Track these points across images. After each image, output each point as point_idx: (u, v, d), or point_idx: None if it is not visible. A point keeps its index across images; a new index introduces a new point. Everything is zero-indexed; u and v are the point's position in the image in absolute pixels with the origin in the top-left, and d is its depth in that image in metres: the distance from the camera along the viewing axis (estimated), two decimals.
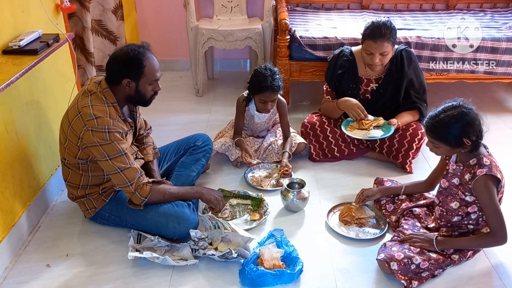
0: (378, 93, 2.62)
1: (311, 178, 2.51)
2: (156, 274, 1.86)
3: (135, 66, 1.85)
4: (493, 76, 3.06)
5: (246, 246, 1.92)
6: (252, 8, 3.69)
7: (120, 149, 1.84)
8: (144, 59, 1.85)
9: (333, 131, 2.63)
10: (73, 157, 1.93)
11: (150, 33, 3.90)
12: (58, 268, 1.91)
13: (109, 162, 1.83)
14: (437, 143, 1.80)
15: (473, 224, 1.88)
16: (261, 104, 2.52)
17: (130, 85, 1.88)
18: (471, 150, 1.78)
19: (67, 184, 2.04)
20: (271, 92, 2.44)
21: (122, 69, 1.86)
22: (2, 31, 1.90)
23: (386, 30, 2.41)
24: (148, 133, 2.29)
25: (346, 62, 2.62)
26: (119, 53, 1.87)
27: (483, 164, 1.75)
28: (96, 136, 1.80)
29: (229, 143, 2.59)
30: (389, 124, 2.50)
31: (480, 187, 1.76)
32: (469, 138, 1.73)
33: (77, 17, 2.99)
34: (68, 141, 1.89)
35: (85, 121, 1.81)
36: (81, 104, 1.84)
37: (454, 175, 1.86)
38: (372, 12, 3.64)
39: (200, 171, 2.39)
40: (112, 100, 1.89)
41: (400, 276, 1.76)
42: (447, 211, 1.90)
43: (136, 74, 1.86)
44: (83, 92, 1.90)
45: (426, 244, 1.84)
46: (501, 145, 2.82)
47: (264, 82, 2.41)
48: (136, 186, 1.88)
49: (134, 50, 1.85)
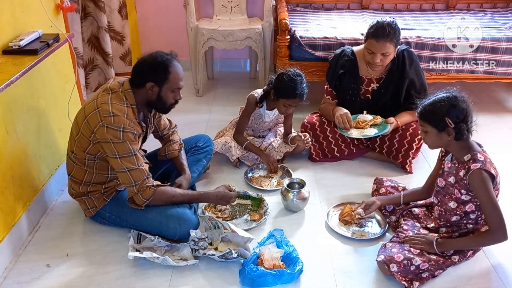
0: (379, 93, 2.62)
1: (311, 178, 2.51)
2: (156, 274, 1.86)
3: (160, 71, 1.89)
4: (493, 76, 3.06)
5: (246, 246, 1.92)
6: (252, 8, 3.69)
7: (131, 149, 1.86)
8: (170, 66, 1.90)
9: (333, 131, 2.63)
10: (82, 151, 1.94)
11: (150, 33, 3.90)
12: (58, 268, 1.91)
13: (118, 161, 1.85)
14: (425, 125, 1.82)
15: (473, 224, 1.88)
16: (284, 108, 2.51)
17: (153, 89, 1.92)
18: (457, 137, 1.78)
19: (70, 178, 2.05)
20: (300, 99, 2.46)
21: (148, 73, 1.90)
22: (2, 31, 1.90)
23: (390, 31, 2.41)
24: (173, 131, 2.33)
25: (347, 62, 2.62)
26: (148, 57, 1.92)
27: (477, 159, 1.77)
28: (110, 133, 1.82)
29: (230, 144, 2.59)
30: (387, 123, 2.50)
31: (475, 181, 1.76)
32: (451, 119, 1.74)
33: (92, 17, 3.01)
34: (81, 134, 1.91)
35: (102, 117, 1.83)
36: (101, 101, 1.87)
37: (450, 173, 1.87)
38: (372, 12, 3.64)
39: (201, 172, 2.40)
40: (132, 102, 1.92)
41: (400, 278, 1.76)
42: (446, 210, 1.90)
43: (160, 79, 1.90)
44: (104, 89, 1.93)
45: (427, 246, 1.84)
46: (501, 145, 2.82)
47: (297, 90, 2.42)
48: (140, 187, 1.89)
49: (162, 56, 1.90)
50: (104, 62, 3.19)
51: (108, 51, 3.14)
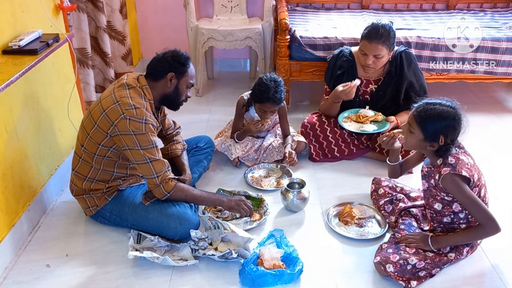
0: (378, 95, 2.62)
1: (311, 178, 2.51)
2: (156, 274, 1.86)
3: (181, 63, 1.99)
4: (493, 76, 3.06)
5: (246, 246, 1.92)
6: (252, 8, 3.69)
7: (152, 141, 1.89)
8: (189, 61, 2.03)
9: (333, 131, 2.63)
10: (95, 144, 1.94)
11: (150, 33, 3.90)
12: (58, 268, 1.90)
13: (140, 151, 1.87)
14: (416, 128, 1.81)
15: (465, 223, 1.88)
16: (260, 113, 2.54)
17: (172, 81, 1.99)
18: (437, 153, 1.81)
19: (74, 173, 2.05)
20: (272, 104, 2.46)
21: (172, 63, 1.97)
22: (2, 31, 1.90)
23: (384, 33, 2.41)
24: (177, 132, 2.35)
25: (346, 62, 2.62)
26: (168, 51, 2.01)
27: (447, 163, 1.78)
28: (132, 126, 1.85)
29: (229, 142, 2.59)
30: (387, 121, 2.50)
31: (448, 185, 1.78)
32: (445, 139, 1.76)
33: (90, 17, 3.00)
34: (97, 127, 1.91)
35: (124, 110, 1.85)
36: (119, 95, 1.90)
37: (429, 176, 1.89)
38: (372, 12, 3.64)
39: (201, 172, 2.41)
40: (149, 97, 1.98)
41: (398, 278, 1.76)
42: (435, 212, 1.91)
43: (181, 71, 1.99)
44: (120, 84, 1.96)
45: (422, 244, 1.84)
46: (501, 145, 2.82)
47: (267, 94, 2.42)
48: (162, 179, 1.90)
49: (180, 51, 2.01)
50: (102, 62, 3.18)
51: (106, 52, 3.14)
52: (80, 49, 2.93)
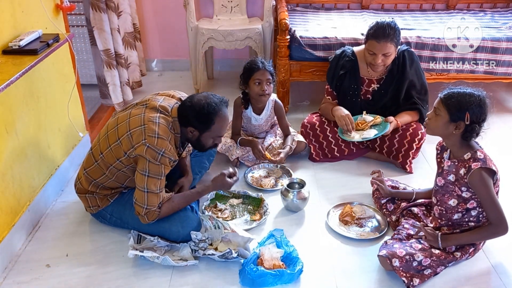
0: (379, 94, 2.61)
1: (311, 178, 2.51)
2: (156, 274, 1.86)
3: (204, 121, 1.91)
4: (493, 76, 3.06)
5: (246, 246, 1.92)
6: (252, 8, 3.69)
7: (161, 173, 1.86)
8: (215, 117, 1.92)
9: (333, 131, 2.63)
10: (113, 157, 1.93)
11: (150, 33, 3.90)
12: (58, 268, 1.91)
13: (144, 178, 1.84)
14: (442, 109, 1.80)
15: (474, 221, 1.88)
16: (257, 88, 2.48)
17: (193, 133, 1.95)
18: (464, 135, 1.79)
19: (85, 173, 2.03)
20: (264, 70, 2.46)
21: (191, 119, 1.91)
22: (2, 31, 1.90)
23: (390, 31, 2.41)
24: None
25: (348, 62, 2.62)
26: (197, 102, 1.91)
27: (477, 158, 1.77)
28: (149, 153, 1.82)
29: (230, 144, 2.59)
30: (386, 122, 2.50)
31: (476, 181, 1.77)
32: (471, 116, 1.75)
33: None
34: (119, 143, 1.90)
35: (147, 135, 1.83)
36: (148, 117, 1.87)
37: (449, 171, 1.87)
38: (372, 12, 3.64)
39: (202, 174, 2.41)
40: (177, 131, 1.95)
41: (402, 273, 1.76)
42: (447, 209, 1.90)
43: (202, 128, 1.93)
44: (153, 107, 1.92)
45: (431, 238, 1.84)
46: (501, 145, 2.82)
47: (255, 64, 2.46)
48: (148, 211, 1.88)
49: (210, 105, 1.89)
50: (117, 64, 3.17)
51: (121, 53, 3.13)
52: (105, 51, 2.95)
